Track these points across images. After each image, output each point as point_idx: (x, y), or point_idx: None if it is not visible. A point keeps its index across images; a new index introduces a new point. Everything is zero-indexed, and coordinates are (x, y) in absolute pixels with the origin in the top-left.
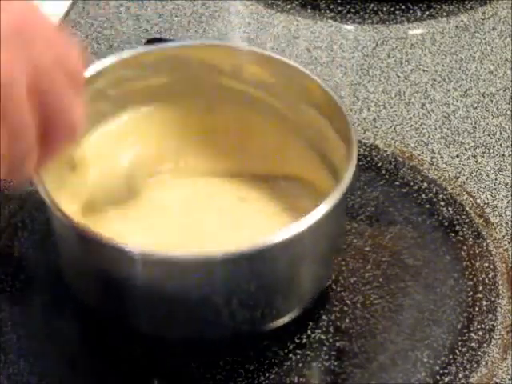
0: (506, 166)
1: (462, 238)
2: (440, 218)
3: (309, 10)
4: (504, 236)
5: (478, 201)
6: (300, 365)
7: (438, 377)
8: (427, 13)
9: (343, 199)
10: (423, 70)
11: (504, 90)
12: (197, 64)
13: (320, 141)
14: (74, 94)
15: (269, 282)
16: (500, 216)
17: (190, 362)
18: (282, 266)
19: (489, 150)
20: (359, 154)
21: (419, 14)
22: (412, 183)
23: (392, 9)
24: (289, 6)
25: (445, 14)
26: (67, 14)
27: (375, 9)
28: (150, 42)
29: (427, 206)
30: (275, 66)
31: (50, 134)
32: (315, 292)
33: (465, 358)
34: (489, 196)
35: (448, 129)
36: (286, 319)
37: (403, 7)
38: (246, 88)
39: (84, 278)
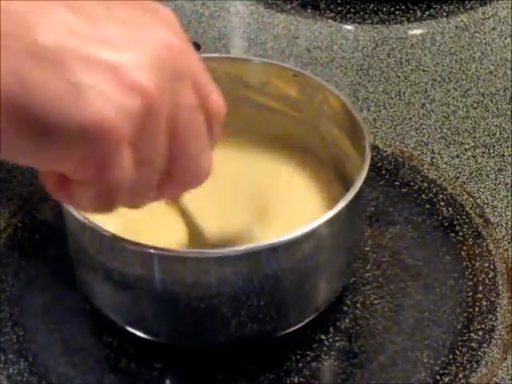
0: (505, 165)
1: (461, 238)
2: (440, 218)
3: (309, 10)
4: (504, 236)
5: (478, 201)
6: (300, 365)
7: (437, 377)
8: (427, 13)
9: (356, 203)
10: (423, 70)
11: (504, 90)
12: (223, 77)
13: (336, 152)
14: (208, 140)
15: (285, 285)
16: (500, 216)
17: (190, 362)
18: (299, 271)
19: (489, 150)
20: None
21: (419, 14)
22: (412, 183)
23: (392, 9)
24: (289, 6)
25: (445, 14)
26: None
27: (375, 9)
28: None
29: (427, 206)
30: (300, 81)
31: (172, 176)
32: (332, 298)
33: (465, 358)
34: (489, 196)
35: (448, 129)
36: (299, 326)
37: (403, 7)
38: (270, 102)
39: (97, 279)
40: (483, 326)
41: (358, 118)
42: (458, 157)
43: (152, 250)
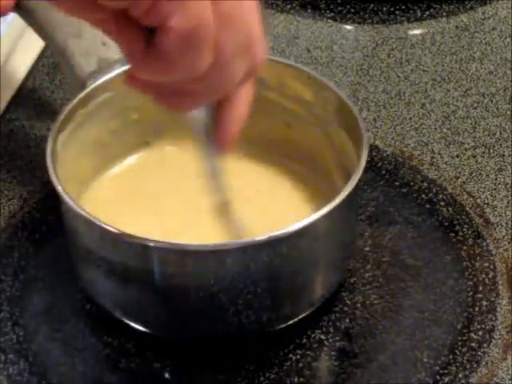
0: (505, 166)
1: (461, 238)
2: (440, 218)
3: (309, 10)
4: (504, 236)
5: (478, 201)
6: (300, 365)
7: (437, 377)
8: (427, 13)
9: (352, 199)
10: (423, 70)
11: (504, 90)
12: None
13: (340, 154)
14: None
15: (282, 278)
16: (500, 216)
17: (190, 361)
18: (295, 264)
19: (489, 150)
20: None
21: (419, 14)
22: (412, 183)
23: (392, 9)
24: (289, 6)
25: (445, 14)
26: None
27: (375, 9)
28: None
29: (427, 206)
30: (314, 84)
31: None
32: (326, 294)
33: (465, 358)
34: (489, 196)
35: (448, 129)
36: (295, 319)
37: (403, 7)
38: (286, 102)
39: (98, 273)
40: (483, 325)
41: (360, 119)
42: (457, 157)
43: (151, 243)
